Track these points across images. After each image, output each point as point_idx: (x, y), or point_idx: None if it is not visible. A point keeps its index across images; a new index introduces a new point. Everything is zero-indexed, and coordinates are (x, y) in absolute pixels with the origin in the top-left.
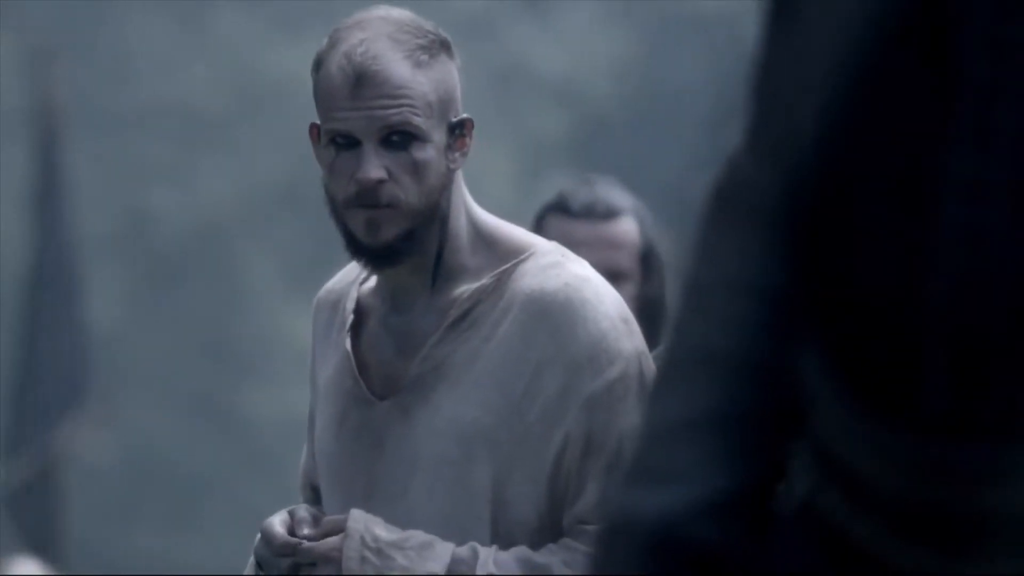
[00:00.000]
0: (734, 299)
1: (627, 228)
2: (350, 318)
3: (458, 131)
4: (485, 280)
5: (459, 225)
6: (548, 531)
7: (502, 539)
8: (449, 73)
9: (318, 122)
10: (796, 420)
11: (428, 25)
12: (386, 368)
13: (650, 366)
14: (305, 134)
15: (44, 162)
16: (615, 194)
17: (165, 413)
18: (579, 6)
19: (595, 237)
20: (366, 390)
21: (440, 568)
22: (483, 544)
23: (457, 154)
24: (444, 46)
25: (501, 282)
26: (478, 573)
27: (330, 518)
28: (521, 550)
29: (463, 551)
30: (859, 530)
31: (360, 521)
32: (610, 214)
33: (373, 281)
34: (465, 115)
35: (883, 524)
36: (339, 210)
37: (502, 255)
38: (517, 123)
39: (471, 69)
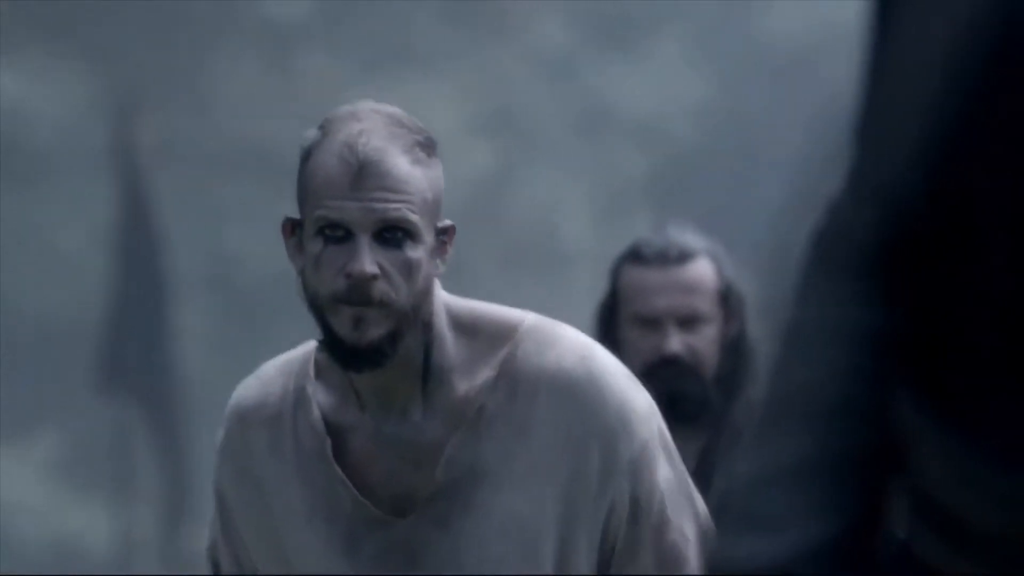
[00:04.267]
0: (834, 345)
1: (702, 270)
2: (327, 441)
3: (442, 237)
4: (486, 374)
5: (441, 326)
6: None
7: None
8: (440, 174)
9: (292, 216)
10: (896, 463)
11: (418, 122)
12: (395, 484)
13: (659, 414)
14: None
15: (131, 203)
16: (688, 237)
17: None
18: (662, 46)
19: (671, 282)
20: (376, 511)
21: None
22: None
23: (438, 260)
24: (434, 145)
25: (505, 371)
26: None
27: None
28: None
29: None
30: (957, 572)
31: None
32: (683, 257)
33: (328, 397)
34: (448, 222)
35: (982, 566)
36: (322, 305)
37: (487, 342)
38: (599, 163)
39: (554, 108)
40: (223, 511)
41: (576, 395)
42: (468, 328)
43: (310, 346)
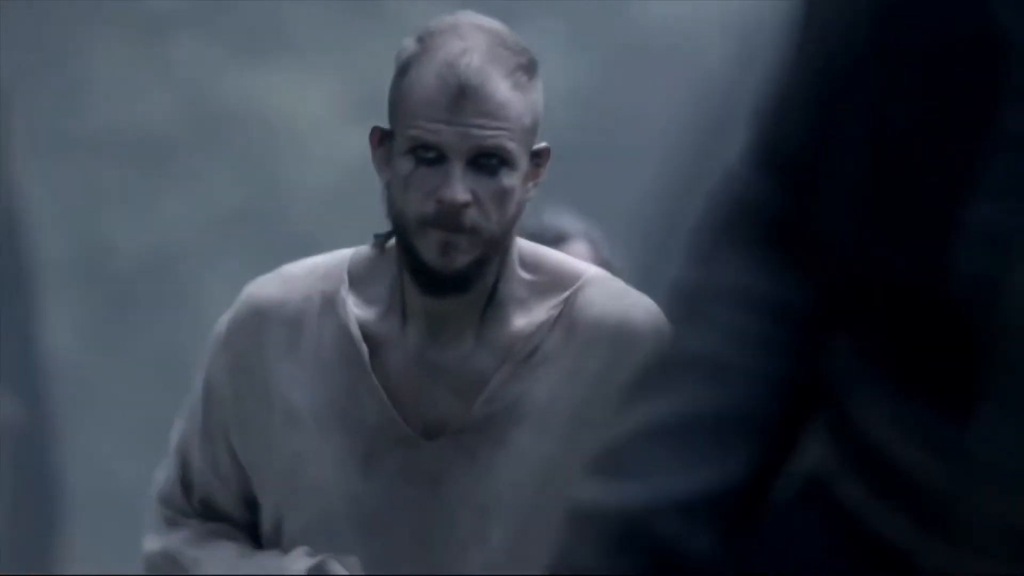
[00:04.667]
0: (737, 311)
1: (578, 252)
2: (364, 349)
3: (536, 160)
4: (545, 313)
5: (515, 257)
6: None
7: None
8: (539, 97)
9: (382, 126)
10: (798, 422)
11: (521, 41)
12: (427, 408)
13: None
14: (263, 161)
15: (1, 192)
16: (563, 219)
17: (122, 439)
18: (537, 33)
19: None
20: (407, 429)
21: None
22: None
23: (531, 184)
24: (535, 67)
25: (564, 314)
26: None
27: None
28: None
29: None
30: (879, 520)
31: None
32: (559, 239)
33: (363, 309)
34: (543, 144)
35: (911, 517)
36: (409, 226)
37: (550, 283)
38: None
39: None
40: (208, 405)
41: (639, 349)
42: (531, 266)
43: (339, 254)
